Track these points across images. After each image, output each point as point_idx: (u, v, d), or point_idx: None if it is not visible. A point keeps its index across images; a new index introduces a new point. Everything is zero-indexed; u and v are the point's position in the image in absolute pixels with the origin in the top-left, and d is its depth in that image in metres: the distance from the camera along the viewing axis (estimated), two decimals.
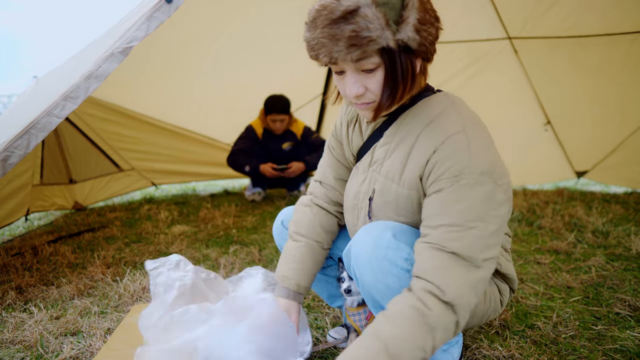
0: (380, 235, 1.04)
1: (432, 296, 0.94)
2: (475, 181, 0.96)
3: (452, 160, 0.98)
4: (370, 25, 0.91)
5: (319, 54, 0.97)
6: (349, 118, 1.29)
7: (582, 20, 3.26)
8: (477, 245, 0.95)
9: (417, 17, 0.94)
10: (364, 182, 1.18)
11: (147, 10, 1.87)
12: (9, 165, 1.76)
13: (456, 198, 0.96)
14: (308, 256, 1.29)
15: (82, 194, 3.63)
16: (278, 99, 3.65)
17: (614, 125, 3.78)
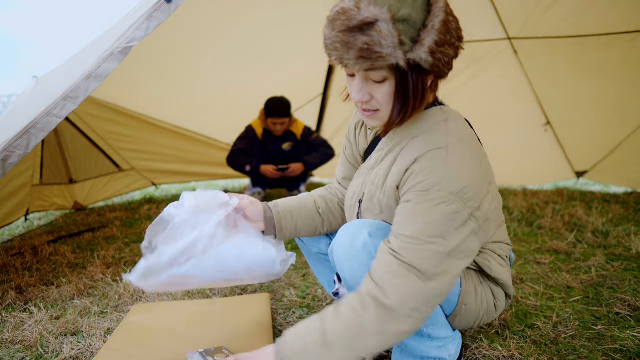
0: (356, 233, 1.08)
1: (374, 300, 0.95)
2: (442, 200, 0.97)
3: (426, 174, 1.00)
4: (384, 42, 0.91)
5: (331, 55, 0.99)
6: (356, 121, 1.34)
7: (582, 20, 3.26)
8: (433, 260, 0.96)
9: (435, 39, 0.94)
10: (359, 185, 1.23)
11: (147, 10, 1.87)
12: (8, 165, 1.76)
13: (420, 212, 0.98)
14: (299, 202, 1.34)
15: (82, 194, 3.63)
16: (279, 103, 3.63)
17: (614, 125, 3.78)
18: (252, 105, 3.96)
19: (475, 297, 1.19)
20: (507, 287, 1.26)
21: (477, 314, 1.21)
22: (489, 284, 1.23)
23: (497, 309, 1.26)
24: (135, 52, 2.22)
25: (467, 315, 1.20)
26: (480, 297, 1.20)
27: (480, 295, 1.20)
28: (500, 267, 1.23)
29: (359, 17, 0.91)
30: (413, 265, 0.95)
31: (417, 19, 0.93)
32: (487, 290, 1.22)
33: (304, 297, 1.80)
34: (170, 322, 1.56)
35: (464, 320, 1.22)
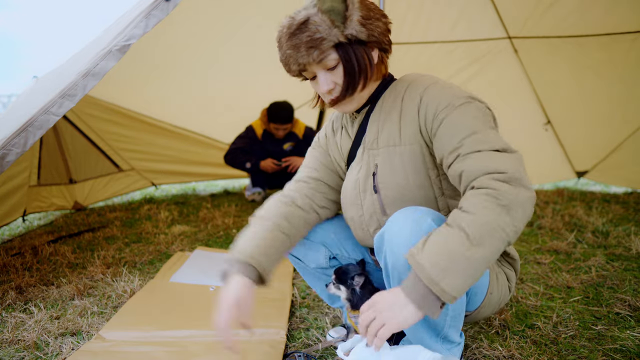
0: (419, 219, 1.05)
1: (496, 180, 0.97)
2: (466, 101, 1.10)
3: (438, 98, 1.12)
4: (320, 28, 1.09)
5: (290, 66, 1.15)
6: (335, 128, 1.39)
7: (582, 20, 3.26)
8: (501, 140, 1.05)
9: (360, 15, 1.11)
10: (360, 169, 1.24)
11: (145, 8, 1.87)
12: (6, 163, 1.76)
13: (460, 116, 1.08)
14: (263, 232, 1.25)
15: (82, 194, 3.63)
16: (282, 109, 3.60)
17: (615, 125, 3.78)
18: (252, 105, 3.95)
19: (497, 283, 1.22)
20: (517, 262, 1.30)
21: (498, 300, 1.25)
22: (503, 268, 1.27)
23: (511, 291, 1.30)
24: (135, 52, 2.22)
25: (490, 303, 1.22)
26: (500, 282, 1.24)
27: (500, 280, 1.24)
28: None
29: (295, 22, 1.10)
30: (496, 148, 1.02)
31: (339, 7, 1.11)
32: (502, 275, 1.26)
33: (304, 297, 1.80)
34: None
35: (487, 310, 1.24)
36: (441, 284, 0.93)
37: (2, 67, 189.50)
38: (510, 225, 0.95)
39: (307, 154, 1.44)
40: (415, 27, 3.57)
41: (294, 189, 1.37)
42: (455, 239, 0.95)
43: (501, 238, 0.95)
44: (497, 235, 0.94)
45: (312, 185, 1.36)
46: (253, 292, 1.18)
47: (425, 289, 0.95)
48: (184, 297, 1.78)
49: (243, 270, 1.18)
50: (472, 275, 0.95)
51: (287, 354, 1.36)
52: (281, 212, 1.30)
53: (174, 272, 2.05)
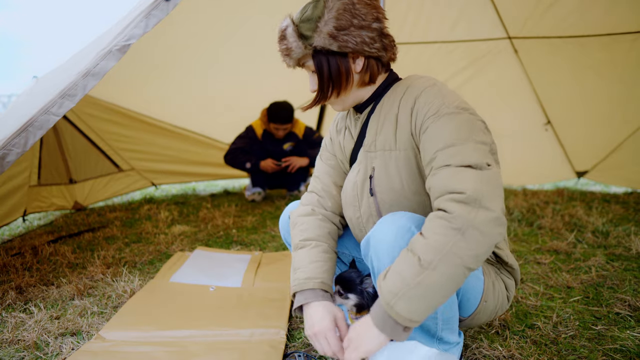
0: (402, 225, 1.06)
1: (452, 201, 0.96)
2: (453, 111, 1.09)
3: (429, 103, 1.11)
4: (290, 40, 1.17)
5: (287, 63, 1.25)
6: (338, 129, 1.40)
7: (583, 20, 3.25)
8: (476, 154, 1.02)
9: (333, 26, 1.13)
10: (358, 171, 1.25)
11: (145, 8, 1.87)
12: (6, 163, 1.75)
13: (441, 126, 1.07)
14: (324, 255, 1.26)
15: (82, 194, 3.63)
16: (282, 110, 3.61)
17: (615, 125, 3.78)
18: (252, 105, 3.95)
19: (494, 292, 1.21)
20: (516, 272, 1.28)
21: (494, 308, 1.23)
22: (501, 277, 1.25)
23: (509, 300, 1.28)
24: (135, 52, 2.22)
25: (485, 311, 1.21)
26: (497, 291, 1.22)
27: (497, 289, 1.22)
28: (507, 249, 1.26)
29: (280, 29, 1.20)
30: (465, 164, 1.01)
31: (313, 16, 1.14)
32: (501, 283, 1.24)
33: None
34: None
35: (482, 317, 1.23)
36: (395, 308, 0.96)
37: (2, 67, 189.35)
38: (466, 250, 0.93)
39: (317, 161, 1.46)
40: (416, 27, 3.58)
41: (315, 203, 1.37)
42: (409, 264, 0.96)
43: (456, 264, 0.93)
44: (451, 261, 0.93)
45: (330, 191, 1.38)
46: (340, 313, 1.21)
47: (385, 314, 0.99)
48: (184, 297, 1.78)
49: (322, 296, 1.21)
50: (429, 299, 0.95)
51: (287, 354, 1.36)
52: (326, 232, 1.32)
53: (174, 272, 2.05)
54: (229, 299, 1.77)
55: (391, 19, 1.25)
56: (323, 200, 1.37)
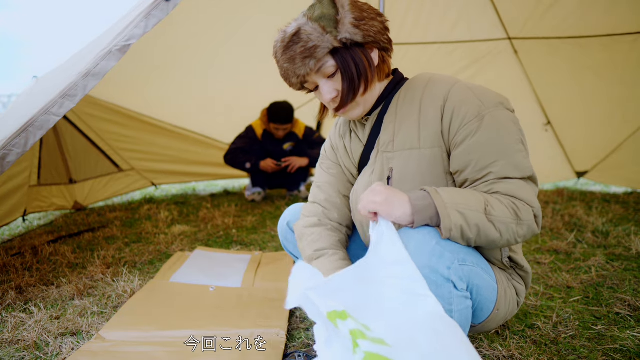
0: (423, 240, 1.00)
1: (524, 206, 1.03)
2: (495, 111, 1.07)
3: (467, 104, 1.08)
4: (312, 37, 1.07)
5: (290, 79, 1.14)
6: (342, 133, 1.35)
7: (582, 21, 3.26)
8: (528, 163, 1.07)
9: (352, 17, 1.08)
10: (372, 172, 1.20)
11: (145, 8, 1.87)
12: (6, 163, 1.76)
13: (490, 132, 1.05)
14: (342, 262, 1.23)
15: (82, 194, 3.63)
16: (282, 110, 3.60)
17: (615, 126, 3.78)
18: (252, 105, 3.95)
19: (505, 299, 1.17)
20: (528, 277, 1.26)
21: (505, 315, 1.20)
22: (513, 283, 1.22)
23: (519, 306, 1.25)
24: (135, 52, 2.22)
25: (496, 319, 1.18)
26: (509, 298, 1.19)
27: (509, 296, 1.19)
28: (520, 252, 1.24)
29: (287, 35, 1.09)
30: (523, 177, 1.05)
31: (329, 13, 1.09)
32: (512, 290, 1.21)
33: None
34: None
35: (492, 324, 1.20)
36: (448, 210, 0.98)
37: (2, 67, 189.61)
38: (511, 233, 1.02)
39: (317, 171, 1.41)
40: (415, 27, 3.58)
41: (320, 214, 1.33)
42: (477, 199, 1.01)
43: (498, 233, 1.01)
44: (499, 228, 1.00)
45: (334, 201, 1.34)
46: None
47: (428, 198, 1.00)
48: (184, 297, 1.78)
49: None
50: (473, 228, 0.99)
51: (287, 354, 1.36)
52: (336, 240, 1.29)
53: (174, 272, 2.05)
54: (229, 299, 1.77)
55: (391, 19, 1.24)
56: (328, 212, 1.32)
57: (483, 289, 1.09)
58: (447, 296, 1.01)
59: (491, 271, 1.14)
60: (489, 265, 1.14)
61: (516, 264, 1.22)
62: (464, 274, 1.03)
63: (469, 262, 1.04)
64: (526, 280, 1.26)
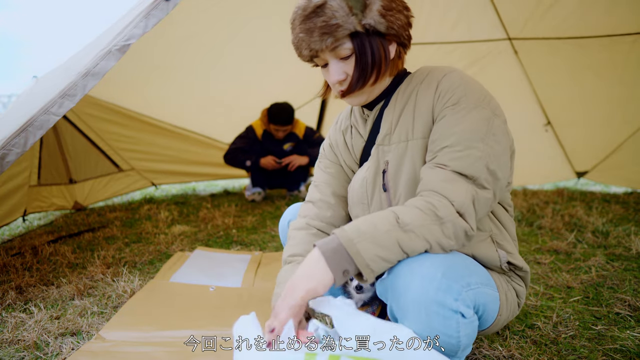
0: (427, 275, 0.95)
1: (440, 200, 0.98)
2: (473, 106, 1.05)
3: (451, 91, 1.07)
4: (337, 14, 1.02)
5: (301, 50, 1.10)
6: (343, 129, 1.33)
7: (583, 21, 3.26)
8: (478, 165, 1.00)
9: (381, 4, 1.05)
10: (368, 168, 1.19)
11: (145, 7, 1.87)
12: (6, 163, 1.75)
13: (455, 121, 1.04)
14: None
15: (82, 194, 3.63)
16: (282, 111, 3.60)
17: (615, 126, 3.79)
18: (252, 105, 3.95)
19: (507, 303, 1.16)
20: (527, 276, 1.24)
21: (507, 318, 1.19)
22: (512, 285, 1.21)
23: (519, 307, 1.24)
24: (135, 52, 2.22)
25: (499, 323, 1.17)
26: (510, 301, 1.18)
27: (510, 299, 1.18)
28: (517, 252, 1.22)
29: (311, 4, 1.04)
30: (461, 172, 1.00)
31: None
32: (512, 292, 1.20)
33: None
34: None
35: (495, 328, 1.19)
36: (357, 246, 0.93)
37: (2, 67, 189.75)
38: (437, 235, 0.96)
39: (315, 170, 1.39)
40: (415, 27, 3.52)
41: (311, 215, 1.30)
42: (385, 217, 0.97)
43: (423, 241, 0.96)
44: (422, 234, 0.95)
45: (332, 203, 1.31)
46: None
47: (340, 246, 0.94)
48: (184, 297, 1.78)
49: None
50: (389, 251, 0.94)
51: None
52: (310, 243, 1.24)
53: (174, 272, 2.05)
54: (229, 299, 1.77)
55: None
56: (321, 212, 1.29)
57: (488, 303, 1.07)
58: (455, 327, 0.98)
59: (492, 281, 1.11)
60: (489, 276, 1.11)
61: (515, 267, 1.20)
62: (471, 299, 0.99)
63: (473, 285, 1.01)
64: (525, 279, 1.25)
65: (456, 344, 1.00)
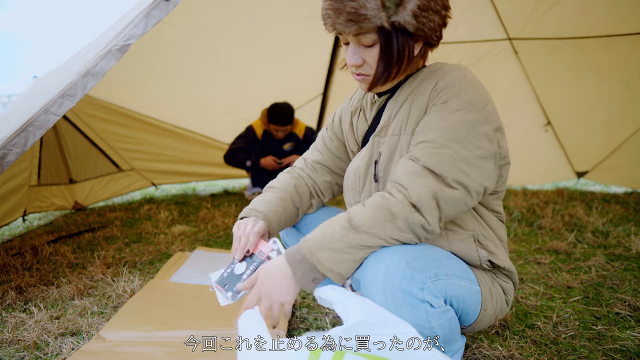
0: (392, 265, 0.99)
1: (399, 192, 1.01)
2: (460, 107, 1.04)
3: (446, 90, 1.07)
4: (368, 5, 1.01)
5: (326, 23, 1.08)
6: (352, 109, 1.36)
7: (583, 22, 3.26)
8: (449, 164, 1.01)
9: (417, 4, 1.02)
10: (364, 156, 1.22)
11: (145, 7, 1.87)
12: (6, 163, 1.75)
13: (438, 118, 1.05)
14: (280, 201, 1.31)
15: (82, 194, 3.63)
16: (282, 111, 3.60)
17: (615, 126, 3.79)
18: (252, 106, 3.95)
19: (491, 299, 1.17)
20: (514, 275, 1.25)
21: (494, 314, 1.20)
22: (498, 282, 1.22)
23: (508, 304, 1.25)
24: (135, 52, 2.22)
25: (485, 318, 1.18)
26: (495, 297, 1.19)
27: (495, 295, 1.19)
28: (503, 253, 1.23)
29: None
30: (430, 168, 1.01)
31: None
32: (498, 288, 1.21)
33: (304, 297, 1.80)
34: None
35: (482, 324, 1.20)
36: (317, 255, 1.00)
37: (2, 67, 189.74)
38: (390, 232, 0.99)
39: (319, 135, 1.45)
40: None
41: (301, 167, 1.41)
42: (340, 221, 1.02)
43: (377, 239, 1.00)
44: (374, 234, 0.99)
45: (317, 168, 1.39)
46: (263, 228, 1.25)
47: (303, 258, 1.02)
48: (184, 297, 1.78)
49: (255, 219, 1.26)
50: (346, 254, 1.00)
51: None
52: (292, 185, 1.35)
53: (174, 272, 2.05)
54: None
55: None
56: (306, 169, 1.40)
57: (464, 296, 1.08)
58: (425, 316, 1.01)
59: (471, 275, 1.12)
60: (468, 269, 1.12)
61: (498, 267, 1.21)
62: (439, 290, 1.02)
63: (442, 275, 1.03)
64: (512, 277, 1.25)
65: (430, 333, 1.03)
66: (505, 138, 1.12)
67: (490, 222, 1.21)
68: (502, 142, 1.10)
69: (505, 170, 1.16)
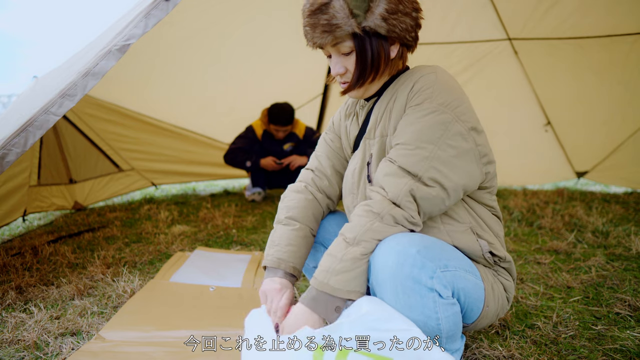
0: (403, 251, 1.01)
1: (377, 193, 1.08)
2: (433, 110, 1.09)
3: (420, 92, 1.12)
4: (338, 15, 1.08)
5: (307, 40, 1.16)
6: (347, 113, 1.39)
7: (583, 22, 3.26)
8: (423, 164, 1.06)
9: (385, 8, 1.08)
10: (359, 157, 1.25)
11: (145, 7, 1.87)
12: (6, 163, 1.75)
13: (412, 121, 1.10)
14: (302, 240, 1.30)
15: (82, 194, 3.63)
16: (283, 111, 3.60)
17: (615, 126, 3.79)
18: (252, 106, 3.95)
19: (494, 295, 1.19)
20: (512, 270, 1.27)
21: (496, 311, 1.21)
22: (499, 279, 1.23)
23: (509, 301, 1.26)
24: (135, 52, 2.23)
25: (488, 315, 1.19)
26: (497, 294, 1.20)
27: (496, 292, 1.20)
28: (501, 247, 1.24)
29: (318, 1, 1.10)
30: (405, 168, 1.07)
31: None
32: (499, 286, 1.22)
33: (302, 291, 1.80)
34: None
35: (485, 321, 1.21)
36: (330, 283, 1.03)
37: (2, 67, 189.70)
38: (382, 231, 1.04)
39: (320, 140, 1.46)
40: None
41: (309, 181, 1.40)
42: (337, 244, 1.07)
43: (375, 241, 1.04)
44: (370, 239, 1.04)
45: (327, 174, 1.40)
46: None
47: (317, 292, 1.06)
48: (184, 297, 1.78)
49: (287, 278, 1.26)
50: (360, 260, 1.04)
51: None
52: (310, 214, 1.35)
53: (174, 272, 2.05)
54: (229, 299, 1.77)
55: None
56: (318, 180, 1.38)
57: (470, 290, 1.10)
58: (432, 306, 1.02)
59: (475, 270, 1.14)
60: (472, 264, 1.15)
61: (499, 258, 1.23)
62: (448, 281, 1.04)
63: (451, 267, 1.06)
64: (511, 272, 1.27)
65: (436, 325, 1.03)
66: (483, 137, 1.15)
67: (484, 216, 1.23)
68: (479, 140, 1.13)
69: (490, 167, 1.19)
